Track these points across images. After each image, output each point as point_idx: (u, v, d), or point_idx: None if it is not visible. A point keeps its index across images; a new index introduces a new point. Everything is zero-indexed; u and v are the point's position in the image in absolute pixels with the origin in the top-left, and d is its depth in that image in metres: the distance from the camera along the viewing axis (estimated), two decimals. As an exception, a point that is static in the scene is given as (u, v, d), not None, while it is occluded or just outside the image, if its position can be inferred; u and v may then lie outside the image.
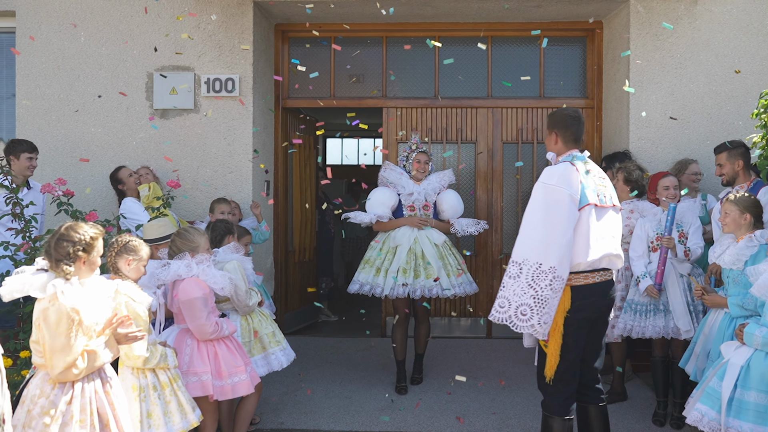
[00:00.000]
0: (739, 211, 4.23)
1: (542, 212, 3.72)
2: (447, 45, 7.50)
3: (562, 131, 3.99)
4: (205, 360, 4.18)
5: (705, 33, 6.48)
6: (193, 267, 4.20)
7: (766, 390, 3.53)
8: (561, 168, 3.84)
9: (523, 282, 3.67)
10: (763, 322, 3.72)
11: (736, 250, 4.20)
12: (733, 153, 4.95)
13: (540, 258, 3.66)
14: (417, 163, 5.98)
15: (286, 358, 4.91)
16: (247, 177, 6.71)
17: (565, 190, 3.73)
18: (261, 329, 4.80)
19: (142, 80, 6.74)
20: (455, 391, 5.89)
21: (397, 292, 5.70)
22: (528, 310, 3.66)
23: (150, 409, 3.66)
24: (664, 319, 5.15)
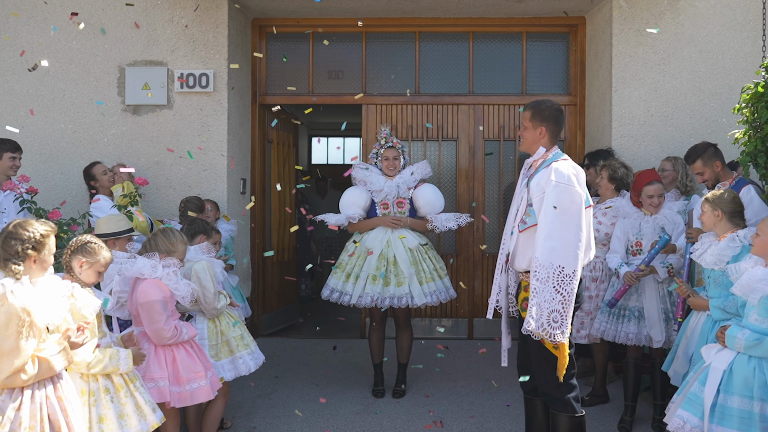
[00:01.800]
0: (711, 208, 4.11)
1: (559, 213, 3.61)
2: (428, 40, 7.37)
3: (553, 126, 3.86)
4: (163, 365, 4.02)
5: (688, 28, 6.38)
6: (158, 269, 4.04)
7: (750, 395, 3.39)
8: (569, 165, 3.74)
9: (551, 287, 3.57)
10: (745, 323, 3.59)
11: (718, 249, 4.06)
12: (707, 157, 4.85)
13: (562, 261, 3.57)
14: (385, 160, 5.72)
15: (255, 362, 4.73)
16: (222, 175, 6.55)
17: (578, 189, 3.65)
18: (229, 332, 4.64)
19: (114, 75, 6.57)
20: (433, 394, 5.75)
21: (364, 302, 5.49)
22: (559, 316, 3.57)
23: (102, 414, 3.47)
24: (637, 326, 5.02)
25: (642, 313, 5.02)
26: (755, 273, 3.54)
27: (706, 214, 4.13)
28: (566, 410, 3.77)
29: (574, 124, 7.23)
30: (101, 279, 3.63)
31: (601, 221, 5.33)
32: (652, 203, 5.08)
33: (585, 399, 5.51)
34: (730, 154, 5.74)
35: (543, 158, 3.85)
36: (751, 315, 3.57)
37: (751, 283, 3.53)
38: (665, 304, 4.99)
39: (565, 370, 3.69)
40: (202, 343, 4.49)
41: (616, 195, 5.44)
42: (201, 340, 4.50)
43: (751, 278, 3.54)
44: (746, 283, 3.55)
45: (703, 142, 4.99)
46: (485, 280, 7.33)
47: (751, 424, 3.37)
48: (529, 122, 3.90)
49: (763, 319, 3.50)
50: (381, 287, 5.48)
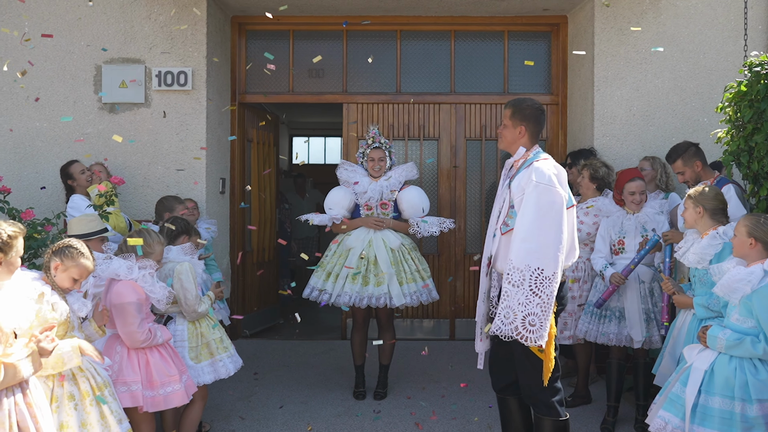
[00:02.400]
0: (693, 204, 4.08)
1: (539, 215, 3.53)
2: (409, 39, 7.31)
3: (532, 126, 3.80)
4: (136, 369, 3.92)
5: (670, 28, 6.36)
6: (134, 270, 3.95)
7: (731, 395, 3.37)
8: (552, 166, 3.66)
9: (527, 290, 3.48)
10: (726, 323, 3.57)
11: (700, 247, 4.04)
12: (687, 157, 4.83)
13: (541, 264, 3.48)
14: (371, 161, 5.64)
15: (234, 365, 4.66)
16: (200, 174, 6.45)
17: (559, 189, 3.57)
18: (209, 335, 4.56)
19: (90, 73, 6.46)
20: (415, 395, 5.69)
21: (342, 300, 5.42)
22: (536, 320, 3.47)
23: (63, 421, 3.34)
24: (617, 327, 4.99)
25: (623, 314, 4.99)
26: (735, 273, 3.53)
27: (688, 210, 4.10)
28: (550, 414, 3.72)
29: (556, 124, 7.20)
30: (77, 287, 3.49)
31: (582, 221, 5.30)
32: (633, 200, 5.05)
33: (568, 400, 5.47)
34: (713, 153, 5.73)
35: (524, 158, 3.79)
36: (733, 315, 3.55)
37: (731, 284, 3.51)
38: (647, 304, 4.96)
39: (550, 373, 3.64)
40: (182, 345, 4.42)
41: (598, 194, 5.41)
42: (181, 342, 4.43)
43: (732, 278, 3.52)
44: (727, 284, 3.53)
45: (684, 142, 4.97)
46: (467, 281, 7.28)
47: (732, 425, 3.35)
48: (509, 120, 3.84)
49: (744, 319, 3.48)
50: (360, 286, 5.41)
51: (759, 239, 3.54)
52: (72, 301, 3.50)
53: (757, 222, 3.59)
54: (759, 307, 3.39)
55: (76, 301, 3.51)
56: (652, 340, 4.93)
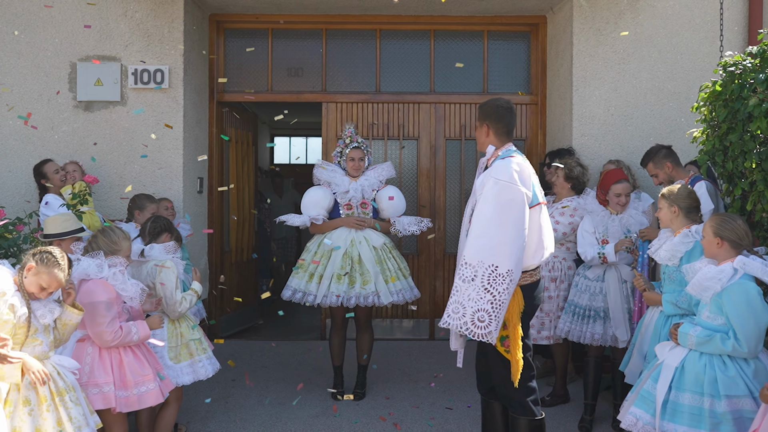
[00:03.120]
0: (668, 204, 4.11)
1: (497, 212, 3.53)
2: (389, 38, 7.29)
3: (495, 123, 3.80)
4: (108, 370, 3.85)
5: (648, 28, 6.39)
6: (105, 269, 3.89)
7: (700, 391, 3.39)
8: (514, 163, 3.65)
9: (479, 286, 3.48)
10: (698, 321, 3.60)
11: (672, 245, 4.07)
12: (657, 159, 4.90)
13: (496, 260, 3.48)
14: (351, 161, 5.58)
15: (212, 367, 4.62)
16: (178, 173, 6.40)
17: (520, 187, 3.56)
18: (188, 335, 4.52)
19: (65, 70, 6.37)
20: (393, 396, 5.67)
21: (330, 301, 5.38)
22: (486, 316, 3.47)
23: (16, 426, 3.23)
24: (603, 326, 5.01)
25: (607, 314, 5.00)
26: (706, 272, 3.56)
27: (662, 210, 4.13)
28: (525, 413, 3.73)
29: (535, 123, 7.21)
30: (42, 296, 3.39)
31: (558, 220, 5.30)
32: (619, 202, 5.07)
33: (546, 399, 5.48)
34: (690, 153, 5.77)
35: (493, 156, 3.79)
36: (704, 312, 3.58)
37: (702, 282, 3.54)
38: (629, 304, 4.98)
39: (520, 374, 3.64)
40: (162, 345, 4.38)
41: (573, 194, 5.42)
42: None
43: (703, 277, 3.55)
44: (698, 282, 3.56)
45: (655, 145, 5.05)
46: (446, 281, 7.27)
47: (701, 421, 3.38)
48: (477, 121, 3.89)
49: (714, 316, 3.51)
50: (346, 286, 5.38)
51: (725, 238, 3.59)
52: (36, 306, 3.40)
53: (721, 222, 3.63)
54: (728, 305, 3.43)
55: (40, 307, 3.41)
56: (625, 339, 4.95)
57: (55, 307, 3.49)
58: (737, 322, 3.38)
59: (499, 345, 3.62)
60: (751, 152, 3.91)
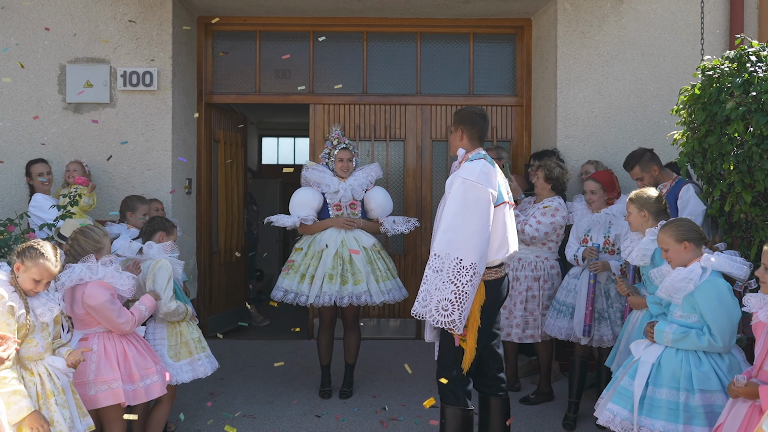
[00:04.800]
0: (638, 208, 4.21)
1: (463, 208, 3.76)
2: (376, 41, 7.36)
3: (469, 128, 4.04)
4: (114, 365, 3.93)
5: (631, 31, 6.48)
6: (98, 269, 3.95)
7: (677, 387, 3.48)
8: (480, 165, 3.88)
9: (445, 277, 3.69)
10: (671, 319, 3.69)
11: (642, 245, 4.17)
12: (644, 162, 4.99)
13: (460, 254, 3.70)
14: (339, 161, 5.64)
15: (211, 365, 4.69)
16: (167, 175, 6.44)
17: (485, 187, 3.79)
18: (187, 333, 4.58)
19: (55, 72, 6.41)
20: (380, 394, 5.74)
21: (322, 301, 5.44)
22: (449, 305, 3.68)
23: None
24: (569, 322, 5.15)
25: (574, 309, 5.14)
26: (676, 275, 3.66)
27: (632, 215, 4.24)
28: (458, 403, 3.93)
29: (520, 125, 7.30)
30: (39, 289, 3.40)
31: (540, 220, 5.39)
32: (589, 199, 5.26)
33: (531, 397, 5.57)
34: (671, 155, 5.87)
35: (464, 159, 4.01)
36: (676, 312, 3.68)
37: (675, 284, 3.64)
38: (601, 304, 5.08)
39: (469, 364, 3.85)
40: (161, 344, 4.47)
41: (554, 194, 5.51)
42: (161, 341, 4.49)
43: (674, 280, 3.65)
44: (670, 285, 3.66)
45: (639, 149, 5.13)
46: (433, 280, 7.33)
47: (677, 415, 3.47)
48: (452, 126, 4.13)
49: (687, 315, 3.61)
50: (339, 286, 5.45)
51: (690, 240, 3.69)
52: (35, 305, 3.43)
53: (678, 227, 3.73)
54: (702, 302, 3.53)
55: (39, 305, 3.44)
56: (603, 339, 5.06)
57: (55, 305, 3.53)
58: (711, 318, 3.48)
59: (456, 333, 3.80)
60: (728, 154, 4.01)
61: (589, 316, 4.99)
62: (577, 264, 5.19)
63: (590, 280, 5.05)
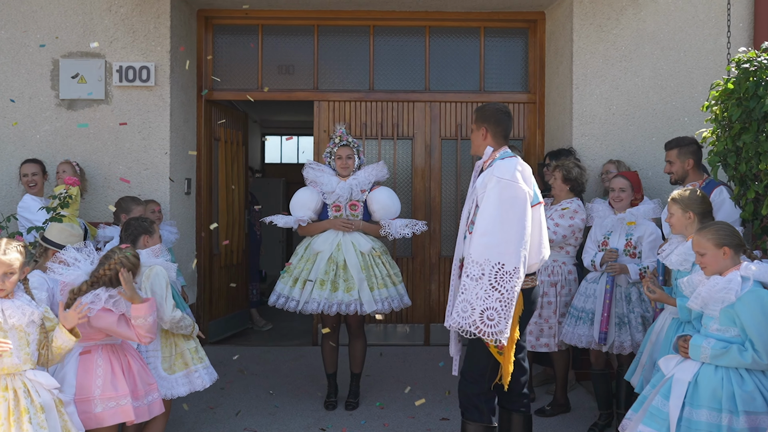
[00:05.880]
0: (682, 209, 3.91)
1: (500, 210, 3.54)
2: (383, 35, 7.08)
3: (493, 126, 3.85)
4: (122, 380, 3.64)
5: (650, 25, 6.19)
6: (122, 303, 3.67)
7: (718, 408, 3.18)
8: (515, 162, 3.69)
9: (486, 284, 3.45)
10: (706, 333, 3.38)
11: (684, 249, 3.86)
12: (684, 150, 4.67)
13: (502, 258, 3.48)
14: (338, 159, 5.36)
15: (209, 377, 4.39)
16: (164, 174, 6.17)
17: (522, 186, 3.59)
18: (183, 344, 4.29)
19: (47, 67, 6.14)
20: (388, 405, 5.46)
21: (310, 308, 5.16)
22: (495, 314, 3.45)
23: None
24: (589, 329, 4.88)
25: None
26: (713, 284, 3.34)
27: (675, 216, 3.92)
28: (482, 419, 3.72)
29: (533, 123, 7.01)
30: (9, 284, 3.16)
31: (558, 223, 5.14)
32: (614, 197, 4.97)
33: (546, 409, 5.31)
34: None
35: (491, 158, 3.81)
36: (712, 326, 3.36)
37: (711, 294, 3.33)
38: (621, 309, 4.84)
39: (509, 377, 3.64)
40: (154, 355, 4.17)
41: (572, 196, 5.25)
42: (154, 352, 4.18)
43: (712, 289, 3.34)
44: (707, 295, 3.34)
45: (689, 136, 4.85)
46: (442, 284, 7.07)
47: None
48: (474, 124, 3.93)
49: (725, 329, 3.30)
50: (329, 292, 5.15)
51: (730, 245, 3.39)
52: (6, 305, 3.18)
53: (718, 230, 3.45)
54: (744, 314, 3.22)
55: (10, 306, 3.19)
56: (623, 346, 4.81)
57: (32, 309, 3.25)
58: (755, 333, 3.18)
59: (492, 346, 3.57)
60: (766, 153, 3.72)
61: (605, 322, 4.74)
62: (595, 269, 4.92)
63: (606, 284, 4.79)
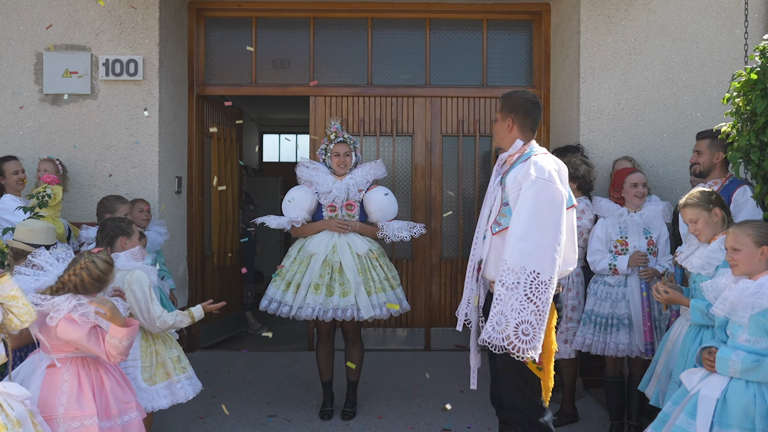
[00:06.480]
0: (705, 209, 3.63)
1: (537, 213, 3.21)
2: (381, 28, 6.81)
3: (521, 117, 3.48)
4: (90, 398, 3.31)
5: (661, 16, 5.91)
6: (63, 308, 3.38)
7: (751, 428, 2.90)
8: (551, 160, 3.36)
9: (521, 295, 3.13)
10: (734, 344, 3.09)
11: (708, 252, 3.59)
12: (717, 143, 4.36)
13: (537, 266, 3.16)
14: (335, 156, 5.08)
15: (193, 388, 4.12)
16: (153, 172, 5.91)
17: (559, 187, 3.26)
18: (165, 352, 4.02)
19: (30, 61, 5.88)
20: (387, 415, 5.19)
21: (304, 313, 4.86)
22: (530, 329, 3.13)
23: None
24: (628, 335, 4.56)
25: (631, 321, 4.57)
26: (743, 288, 3.06)
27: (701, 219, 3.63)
28: None
29: (538, 119, 6.73)
30: None
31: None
32: (637, 193, 4.70)
33: (554, 419, 5.02)
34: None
35: (520, 152, 3.45)
36: (740, 336, 3.08)
37: (741, 298, 3.04)
38: (652, 311, 4.54)
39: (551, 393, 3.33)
40: (134, 365, 3.89)
41: (580, 194, 4.98)
42: (133, 362, 3.90)
43: (741, 293, 3.05)
44: (735, 299, 3.06)
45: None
46: (443, 286, 6.80)
47: None
48: (498, 114, 3.55)
49: (757, 339, 3.03)
50: (324, 297, 4.86)
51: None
52: None
53: (760, 227, 3.17)
54: None
55: None
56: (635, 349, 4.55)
57: None
58: None
59: (531, 362, 3.26)
60: (793, 148, 3.45)
61: (648, 332, 4.45)
62: (615, 273, 4.61)
63: (643, 292, 4.50)
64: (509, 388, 3.40)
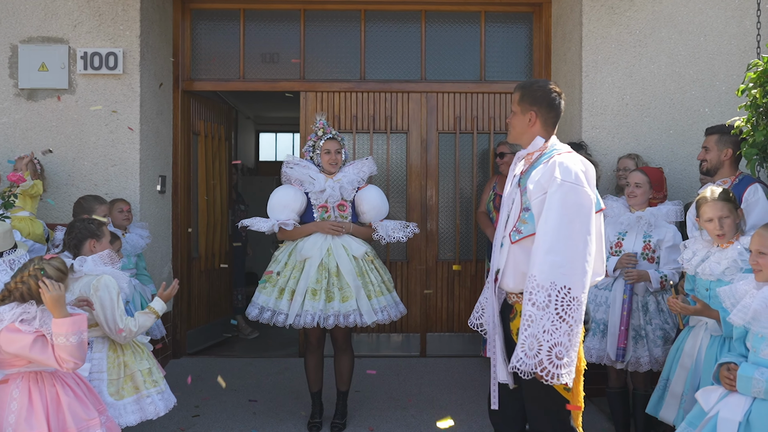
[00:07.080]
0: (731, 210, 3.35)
1: (566, 221, 2.88)
2: (375, 21, 6.53)
3: (545, 111, 3.14)
4: (41, 417, 3.05)
5: (667, 6, 5.63)
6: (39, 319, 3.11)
7: (778, 451, 2.62)
8: (577, 160, 3.00)
9: (553, 314, 2.80)
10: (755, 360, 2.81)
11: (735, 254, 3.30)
12: (726, 139, 4.09)
13: (568, 281, 2.83)
14: (326, 153, 4.79)
15: (165, 403, 3.85)
16: (134, 171, 5.63)
17: (587, 190, 2.92)
18: (134, 365, 3.75)
19: (5, 54, 5.60)
20: (379, 426, 4.91)
21: (304, 321, 4.55)
22: (564, 351, 2.80)
23: None
24: (599, 342, 4.34)
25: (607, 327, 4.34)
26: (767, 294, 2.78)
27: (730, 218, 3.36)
28: None
29: (538, 115, 6.46)
30: None
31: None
32: (629, 193, 4.46)
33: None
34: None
35: (540, 151, 3.11)
36: (764, 350, 2.80)
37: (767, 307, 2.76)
38: (638, 320, 4.31)
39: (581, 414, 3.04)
40: (99, 378, 3.63)
41: None
42: (98, 374, 3.64)
43: (766, 300, 2.77)
44: (760, 307, 2.78)
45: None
46: (440, 290, 6.52)
47: None
48: (517, 106, 3.18)
49: None
50: (323, 303, 4.57)
51: None
52: None
53: None
54: None
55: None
56: (640, 362, 4.28)
57: None
58: None
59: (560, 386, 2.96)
60: (815, 144, 3.17)
61: (622, 336, 4.20)
62: (606, 276, 4.35)
63: (624, 294, 4.25)
64: (540, 416, 3.08)
